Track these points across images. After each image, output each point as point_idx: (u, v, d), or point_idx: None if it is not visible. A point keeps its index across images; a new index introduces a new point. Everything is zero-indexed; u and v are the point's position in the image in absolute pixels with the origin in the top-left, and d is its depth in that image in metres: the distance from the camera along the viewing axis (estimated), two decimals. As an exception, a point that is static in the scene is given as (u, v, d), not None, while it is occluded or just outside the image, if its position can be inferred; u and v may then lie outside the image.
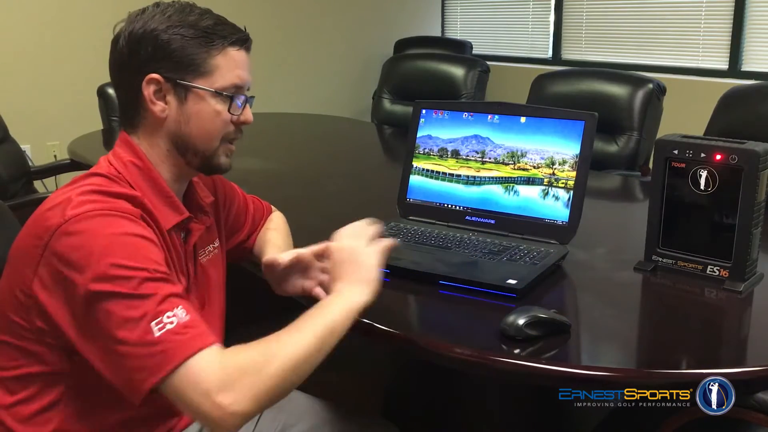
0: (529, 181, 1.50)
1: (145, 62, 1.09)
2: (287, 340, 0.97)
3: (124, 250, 0.95)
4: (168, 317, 0.92)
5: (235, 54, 1.12)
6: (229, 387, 0.89)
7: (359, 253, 1.13)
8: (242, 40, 1.13)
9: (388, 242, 1.17)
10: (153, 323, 0.91)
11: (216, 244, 1.26)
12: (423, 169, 1.62)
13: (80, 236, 0.96)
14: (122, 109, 1.15)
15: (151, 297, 0.93)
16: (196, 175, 1.21)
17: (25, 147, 3.35)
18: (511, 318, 1.10)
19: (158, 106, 1.10)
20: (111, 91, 3.00)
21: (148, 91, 1.09)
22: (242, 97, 1.14)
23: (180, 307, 0.94)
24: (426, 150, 1.62)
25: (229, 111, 1.12)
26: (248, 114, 1.16)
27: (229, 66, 1.11)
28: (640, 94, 2.65)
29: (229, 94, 1.12)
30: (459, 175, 1.58)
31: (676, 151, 1.34)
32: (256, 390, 0.90)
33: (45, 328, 1.00)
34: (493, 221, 1.52)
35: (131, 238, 0.97)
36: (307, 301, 1.17)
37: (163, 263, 0.99)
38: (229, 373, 0.90)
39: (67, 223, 0.96)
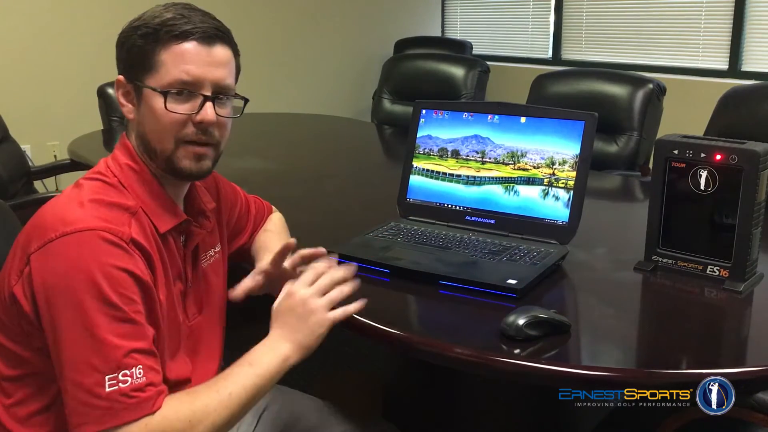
0: (529, 181, 1.50)
1: (118, 65, 1.12)
2: (215, 406, 0.97)
3: (105, 282, 0.94)
4: (123, 375, 0.92)
5: (181, 48, 1.05)
6: None
7: (311, 312, 1.07)
8: (190, 33, 1.05)
9: (347, 310, 1.09)
10: (108, 377, 0.91)
11: (217, 249, 1.26)
12: (423, 169, 1.62)
13: (66, 257, 0.95)
14: None
15: (115, 349, 0.92)
16: (177, 180, 1.13)
17: (25, 147, 3.36)
18: (511, 318, 1.10)
19: (126, 108, 1.11)
20: (111, 91, 3.00)
21: (117, 93, 1.12)
22: (198, 96, 1.06)
23: (139, 366, 0.93)
24: (426, 150, 1.62)
25: (165, 108, 1.05)
26: (206, 114, 1.07)
27: (175, 61, 1.05)
28: (640, 94, 2.65)
29: (171, 91, 1.05)
30: (459, 175, 1.58)
31: (676, 151, 1.34)
32: None
33: (30, 330, 1.00)
34: (493, 221, 1.52)
35: (115, 270, 0.96)
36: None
37: (140, 301, 0.98)
38: None
39: (57, 240, 0.96)
